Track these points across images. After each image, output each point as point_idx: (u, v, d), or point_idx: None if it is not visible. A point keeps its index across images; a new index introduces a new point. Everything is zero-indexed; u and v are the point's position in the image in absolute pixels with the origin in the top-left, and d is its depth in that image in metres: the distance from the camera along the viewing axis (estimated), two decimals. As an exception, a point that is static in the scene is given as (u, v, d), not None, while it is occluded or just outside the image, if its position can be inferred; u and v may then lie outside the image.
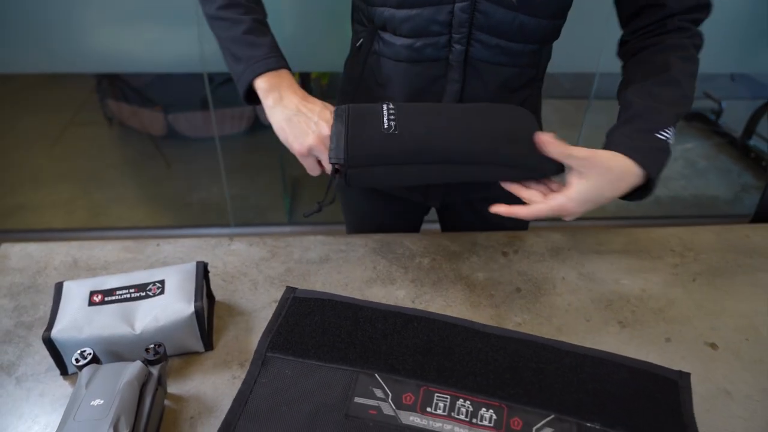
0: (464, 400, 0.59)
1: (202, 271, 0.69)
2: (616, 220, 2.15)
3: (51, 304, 0.65)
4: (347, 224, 1.07)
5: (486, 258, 0.83)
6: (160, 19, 1.44)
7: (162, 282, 0.66)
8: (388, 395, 0.60)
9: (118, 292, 0.65)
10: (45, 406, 0.60)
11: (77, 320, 0.62)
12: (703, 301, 0.76)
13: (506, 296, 0.76)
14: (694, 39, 0.74)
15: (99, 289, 0.65)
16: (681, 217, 2.21)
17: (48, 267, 0.79)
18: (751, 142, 2.40)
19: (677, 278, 0.80)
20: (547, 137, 0.65)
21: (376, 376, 0.62)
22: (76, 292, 0.65)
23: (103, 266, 0.79)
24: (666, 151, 0.67)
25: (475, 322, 0.69)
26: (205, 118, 2.08)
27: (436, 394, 0.60)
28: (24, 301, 0.73)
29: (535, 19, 0.72)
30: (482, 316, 0.72)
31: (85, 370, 0.56)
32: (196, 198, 2.16)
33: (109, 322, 0.62)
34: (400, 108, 0.68)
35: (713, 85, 2.53)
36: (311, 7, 1.40)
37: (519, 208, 0.66)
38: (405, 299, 0.75)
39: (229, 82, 2.12)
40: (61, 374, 0.63)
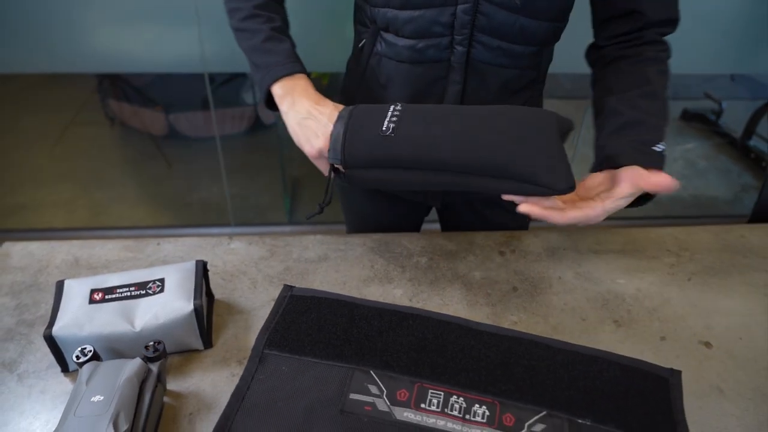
0: (458, 396, 0.60)
1: (202, 269, 0.70)
2: (616, 220, 2.14)
3: (52, 302, 0.65)
4: (348, 225, 1.08)
5: (483, 257, 0.83)
6: (161, 19, 1.44)
7: (162, 280, 0.67)
8: (382, 391, 0.60)
9: (118, 290, 0.65)
10: (46, 403, 0.61)
11: (78, 318, 0.62)
12: (698, 300, 0.77)
13: (503, 295, 0.77)
14: (667, 52, 0.77)
15: (99, 287, 0.66)
16: (680, 218, 2.20)
17: (49, 266, 0.80)
18: (751, 143, 2.40)
19: (673, 278, 0.81)
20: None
21: (371, 372, 0.62)
22: (77, 291, 0.66)
23: (103, 265, 0.80)
24: (664, 162, 0.70)
25: (469, 320, 0.70)
26: (205, 118, 2.09)
27: (430, 391, 0.61)
28: (25, 299, 0.74)
29: (536, 22, 0.73)
30: (479, 315, 0.73)
31: (86, 367, 0.57)
32: (196, 197, 2.16)
33: (109, 320, 0.62)
34: (407, 110, 0.67)
35: (713, 85, 2.52)
36: (312, 7, 1.40)
37: (553, 212, 0.65)
38: (402, 298, 0.75)
39: (229, 83, 2.14)
40: (62, 371, 0.64)
